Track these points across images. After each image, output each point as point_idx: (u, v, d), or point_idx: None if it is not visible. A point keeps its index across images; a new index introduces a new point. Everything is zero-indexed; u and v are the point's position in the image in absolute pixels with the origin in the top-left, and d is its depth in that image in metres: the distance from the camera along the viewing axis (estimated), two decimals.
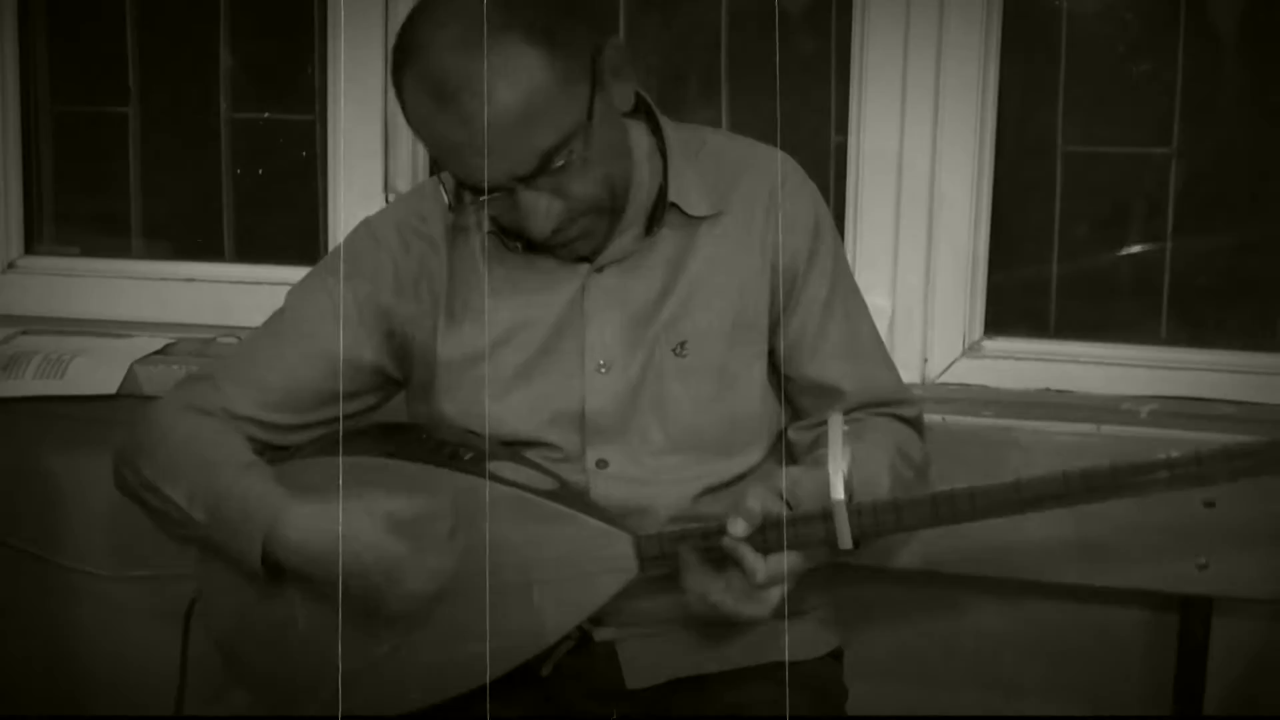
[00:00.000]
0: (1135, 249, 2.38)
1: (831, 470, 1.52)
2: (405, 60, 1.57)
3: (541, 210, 1.59)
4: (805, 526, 1.55)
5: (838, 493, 1.52)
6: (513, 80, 1.52)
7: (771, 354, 1.78)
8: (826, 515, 1.53)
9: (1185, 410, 2.19)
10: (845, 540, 1.54)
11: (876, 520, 1.55)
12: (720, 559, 1.58)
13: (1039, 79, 2.35)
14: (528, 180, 1.57)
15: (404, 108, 1.60)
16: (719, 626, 1.75)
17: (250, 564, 1.62)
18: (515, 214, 1.60)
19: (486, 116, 1.51)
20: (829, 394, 1.77)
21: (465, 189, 1.60)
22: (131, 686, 2.60)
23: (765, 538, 1.55)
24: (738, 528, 1.54)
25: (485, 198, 1.57)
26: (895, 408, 1.81)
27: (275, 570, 1.62)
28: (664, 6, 2.50)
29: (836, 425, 1.53)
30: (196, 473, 1.66)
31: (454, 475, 1.66)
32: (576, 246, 1.68)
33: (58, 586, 2.61)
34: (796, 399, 1.80)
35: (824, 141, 2.40)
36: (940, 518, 1.55)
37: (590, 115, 1.58)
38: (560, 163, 1.57)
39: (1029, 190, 2.38)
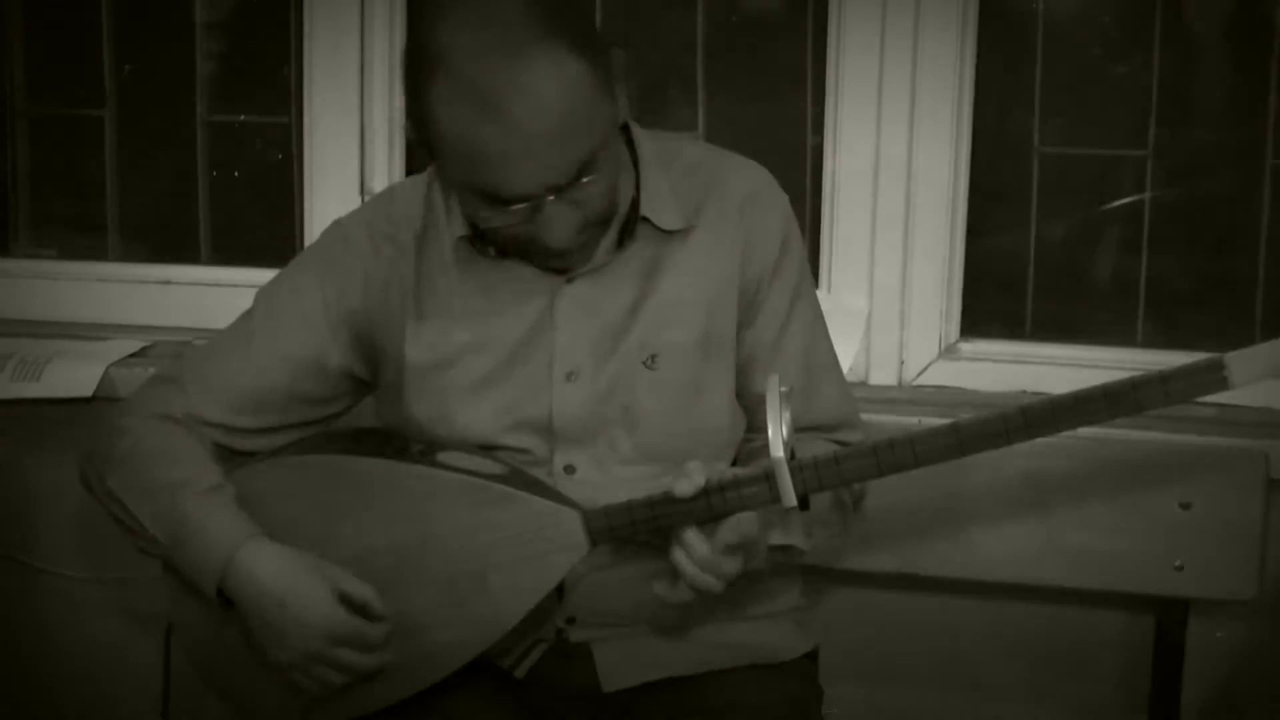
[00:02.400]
0: (1111, 251, 2.38)
1: (770, 429, 1.50)
2: (437, 66, 1.50)
3: (565, 222, 1.56)
4: (748, 487, 1.53)
5: (777, 450, 1.50)
6: (561, 89, 1.49)
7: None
8: (768, 475, 1.52)
9: (1162, 412, 2.18)
10: (789, 498, 1.51)
11: (819, 475, 1.52)
12: (669, 529, 1.57)
13: (1015, 81, 2.36)
14: (561, 190, 1.54)
15: (430, 116, 1.52)
16: (688, 621, 1.76)
17: (205, 592, 1.63)
18: (533, 226, 1.57)
19: (534, 126, 1.48)
20: None
21: (483, 201, 1.56)
22: (106, 689, 2.59)
23: (710, 502, 1.54)
24: (682, 486, 1.53)
25: (515, 208, 1.54)
26: (839, 432, 1.80)
27: (229, 601, 1.64)
28: (640, 11, 2.49)
29: (774, 385, 1.51)
30: (161, 494, 1.65)
31: (403, 466, 1.67)
32: (573, 259, 1.66)
33: (33, 589, 2.60)
34: (747, 412, 1.79)
35: (800, 143, 2.40)
36: (882, 467, 1.52)
37: (615, 126, 1.59)
38: (592, 174, 1.55)
39: (1005, 192, 2.38)
